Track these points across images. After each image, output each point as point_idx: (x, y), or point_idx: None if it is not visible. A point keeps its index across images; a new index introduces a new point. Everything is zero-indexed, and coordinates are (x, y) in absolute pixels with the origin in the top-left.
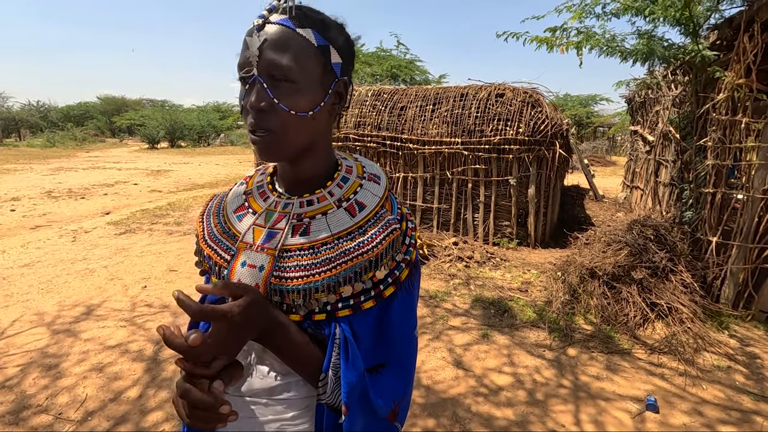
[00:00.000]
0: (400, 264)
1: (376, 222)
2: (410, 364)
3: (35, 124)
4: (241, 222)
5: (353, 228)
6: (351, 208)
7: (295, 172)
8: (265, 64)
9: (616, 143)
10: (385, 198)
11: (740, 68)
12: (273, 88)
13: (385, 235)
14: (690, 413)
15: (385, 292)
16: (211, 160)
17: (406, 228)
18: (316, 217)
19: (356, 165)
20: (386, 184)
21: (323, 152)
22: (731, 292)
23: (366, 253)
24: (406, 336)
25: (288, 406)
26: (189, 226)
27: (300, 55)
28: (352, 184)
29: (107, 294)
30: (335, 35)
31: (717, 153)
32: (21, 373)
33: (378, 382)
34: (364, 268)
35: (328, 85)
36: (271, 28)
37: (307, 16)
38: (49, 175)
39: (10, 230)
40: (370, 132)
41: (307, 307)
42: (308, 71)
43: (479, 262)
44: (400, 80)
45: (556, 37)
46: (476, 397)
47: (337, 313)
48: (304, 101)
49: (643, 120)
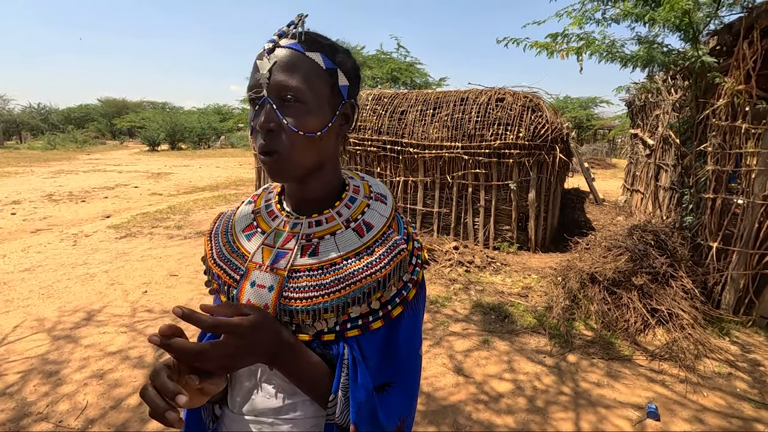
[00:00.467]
0: (407, 284)
1: (383, 242)
2: (415, 383)
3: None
4: (250, 242)
5: (361, 248)
6: (359, 228)
7: (302, 192)
8: (275, 86)
9: (617, 146)
10: (392, 218)
11: (740, 74)
12: (282, 109)
13: (393, 256)
14: (691, 421)
15: (393, 312)
16: (211, 163)
17: (413, 248)
18: (324, 237)
19: (363, 184)
20: (393, 204)
21: (331, 172)
22: (732, 298)
23: (374, 274)
24: (411, 355)
25: (294, 425)
26: (189, 230)
27: (309, 77)
28: (360, 205)
29: (108, 299)
30: (343, 59)
31: (717, 158)
32: (21, 380)
33: (385, 401)
34: (372, 288)
35: (336, 107)
36: (281, 51)
37: (316, 41)
38: (49, 178)
39: (11, 234)
40: (371, 136)
41: (316, 327)
42: (316, 93)
43: (480, 266)
44: (400, 83)
45: (556, 43)
46: (477, 404)
47: (346, 333)
48: (313, 122)
49: (643, 123)
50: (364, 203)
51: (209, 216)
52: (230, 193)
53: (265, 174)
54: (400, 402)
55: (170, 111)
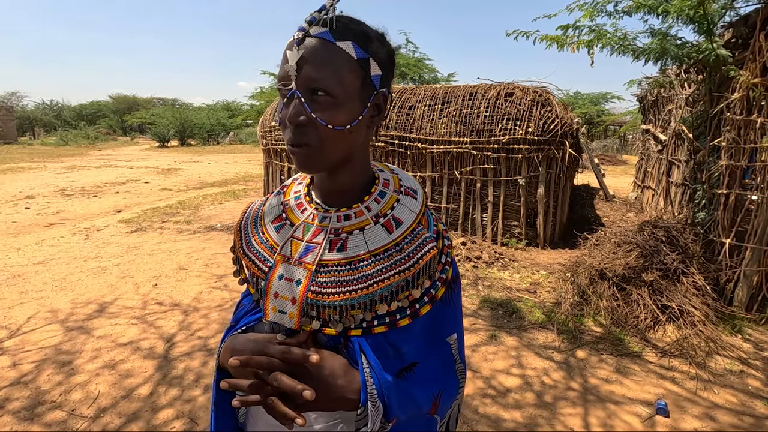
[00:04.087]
0: (435, 282)
1: (412, 239)
2: (443, 363)
3: (49, 122)
4: (279, 233)
5: (390, 245)
6: (388, 224)
7: (332, 184)
8: (304, 79)
9: (627, 142)
10: (422, 214)
11: (756, 67)
12: (311, 102)
13: (422, 254)
14: (701, 418)
15: (421, 310)
16: (220, 159)
17: (443, 246)
18: (353, 232)
19: (393, 178)
20: (423, 198)
21: (360, 164)
22: (745, 295)
23: (403, 272)
24: (438, 342)
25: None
26: (198, 225)
27: (339, 69)
28: (390, 199)
29: (119, 292)
30: (376, 47)
31: (731, 153)
32: (36, 370)
33: (412, 379)
34: (400, 287)
35: (367, 98)
36: (311, 41)
37: (348, 28)
38: (62, 174)
39: (25, 228)
40: (378, 131)
41: (343, 323)
42: (347, 85)
43: (487, 262)
44: (408, 79)
45: (567, 36)
46: (484, 399)
47: (373, 329)
48: (342, 115)
49: (655, 119)
50: (394, 198)
51: (218, 211)
52: (239, 189)
53: (273, 169)
54: (428, 379)
55: (180, 107)
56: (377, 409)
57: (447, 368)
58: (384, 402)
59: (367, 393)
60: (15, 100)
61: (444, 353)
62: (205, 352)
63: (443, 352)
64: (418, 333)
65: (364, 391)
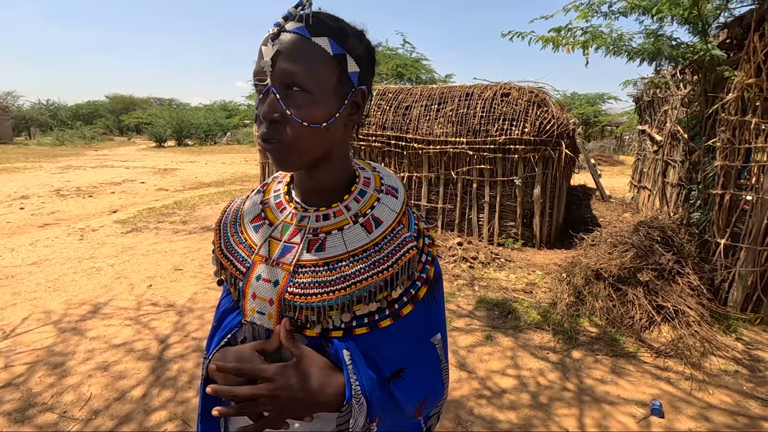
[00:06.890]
0: (415, 282)
1: (392, 239)
2: (430, 368)
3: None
4: (257, 233)
5: (369, 245)
6: (367, 223)
7: (311, 182)
8: (279, 74)
9: (624, 142)
10: (403, 213)
11: (750, 68)
12: (286, 99)
13: (401, 255)
14: (696, 418)
15: (402, 310)
16: (217, 159)
17: (423, 245)
18: (332, 232)
19: (374, 176)
20: (404, 197)
21: (340, 162)
22: (739, 295)
23: (381, 273)
24: (424, 344)
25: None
26: (195, 225)
27: (314, 65)
28: (370, 198)
29: (113, 293)
30: (353, 44)
31: (726, 154)
32: (28, 372)
33: (399, 385)
34: (378, 287)
35: (345, 95)
36: (286, 36)
37: (324, 24)
38: (57, 174)
39: (19, 228)
40: (375, 131)
41: (321, 324)
42: (322, 80)
43: (484, 262)
44: (405, 79)
45: (561, 37)
46: (479, 400)
47: (354, 330)
48: (318, 112)
49: (651, 119)
50: (374, 197)
51: (214, 211)
52: (236, 189)
53: (269, 170)
54: (415, 385)
55: (177, 107)
56: (361, 405)
57: (434, 373)
58: (367, 399)
59: (352, 390)
60: (11, 99)
61: (430, 356)
62: (200, 353)
63: (429, 356)
64: (401, 334)
65: (349, 387)
